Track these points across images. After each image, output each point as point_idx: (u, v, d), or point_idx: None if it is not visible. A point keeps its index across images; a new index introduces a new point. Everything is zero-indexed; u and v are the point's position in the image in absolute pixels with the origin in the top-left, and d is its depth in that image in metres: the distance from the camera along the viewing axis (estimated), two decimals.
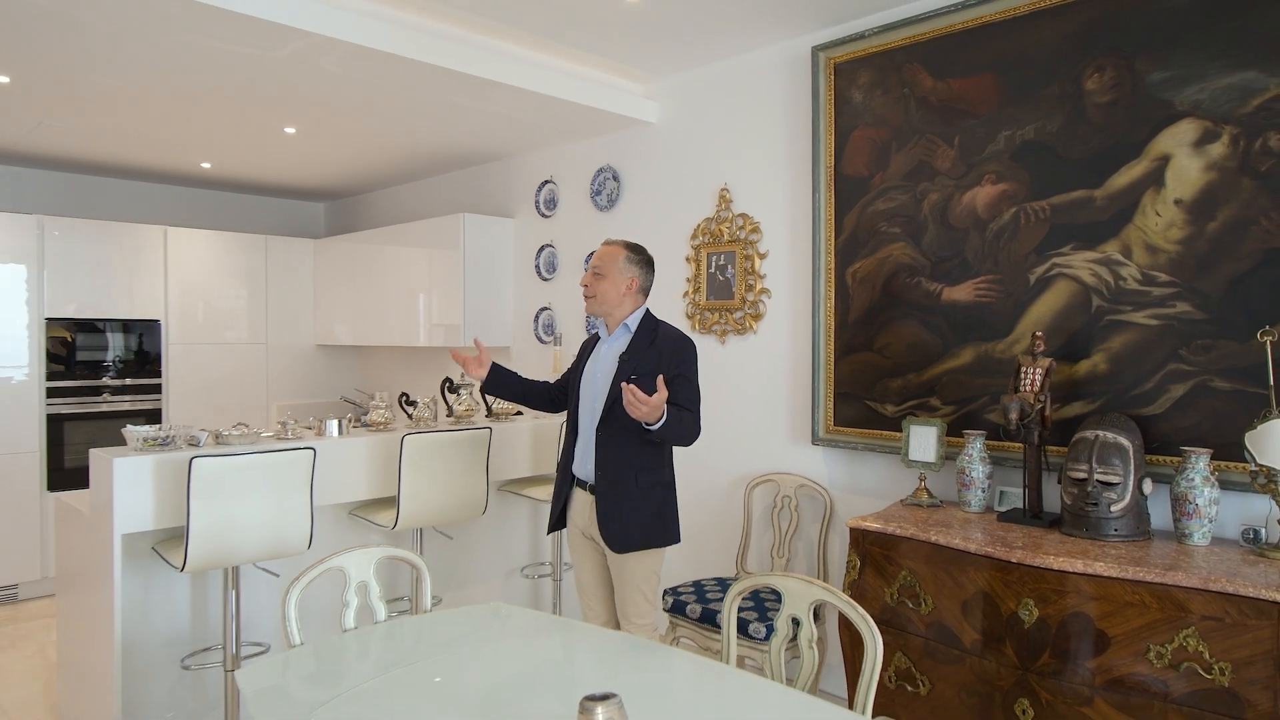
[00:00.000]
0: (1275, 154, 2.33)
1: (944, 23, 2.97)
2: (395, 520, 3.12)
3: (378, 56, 3.12)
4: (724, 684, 1.82)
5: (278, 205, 6.55)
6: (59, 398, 4.99)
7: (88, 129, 4.33)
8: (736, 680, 1.82)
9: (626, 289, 2.65)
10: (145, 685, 2.91)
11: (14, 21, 2.81)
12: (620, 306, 2.68)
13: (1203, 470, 2.32)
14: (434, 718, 1.62)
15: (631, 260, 2.71)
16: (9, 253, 4.77)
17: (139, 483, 2.67)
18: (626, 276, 2.68)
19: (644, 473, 2.62)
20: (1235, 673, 1.96)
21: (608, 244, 2.75)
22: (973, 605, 2.39)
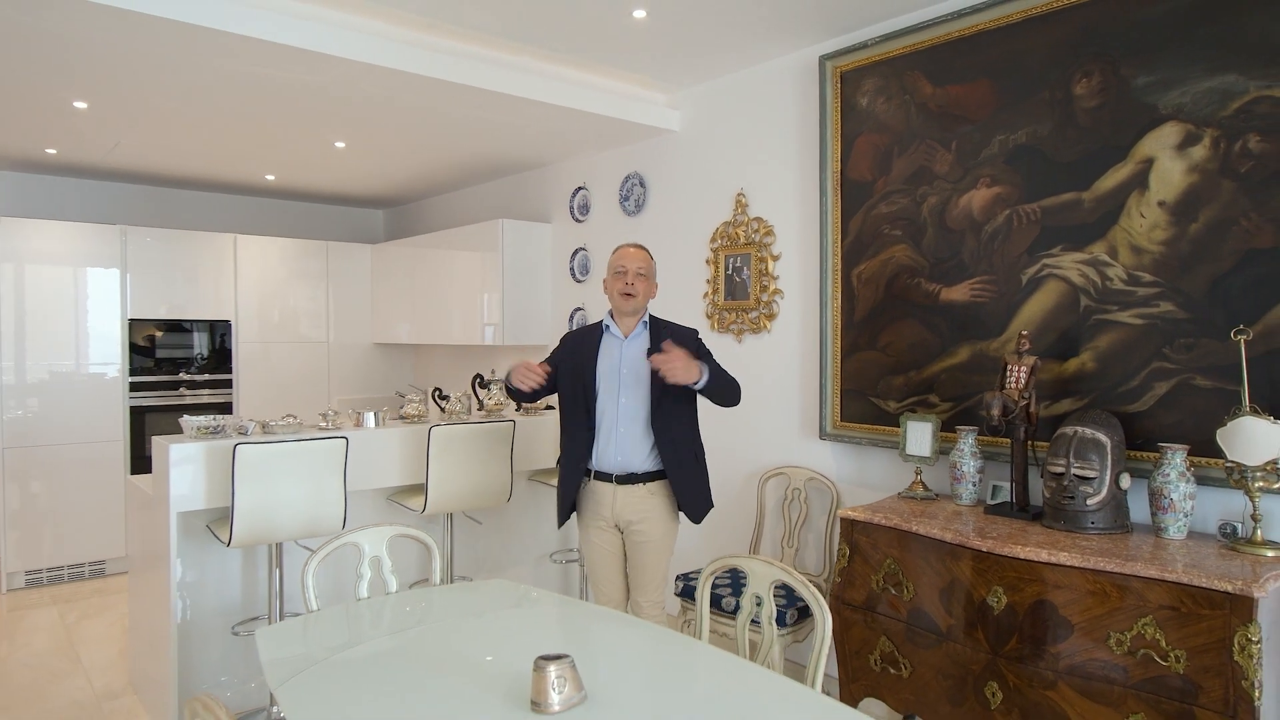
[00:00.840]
0: (1254, 156, 2.36)
1: (942, 31, 3.06)
2: (424, 505, 3.38)
3: (411, 78, 3.38)
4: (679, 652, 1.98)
5: (338, 213, 6.96)
6: (140, 391, 5.46)
7: (161, 147, 4.75)
8: (694, 650, 1.98)
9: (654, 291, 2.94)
10: (200, 649, 3.24)
11: (88, 55, 3.16)
12: (644, 306, 2.92)
13: (1179, 466, 2.37)
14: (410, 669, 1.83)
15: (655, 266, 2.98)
16: (98, 260, 5.25)
17: (192, 466, 2.98)
18: (656, 280, 3.01)
19: (698, 452, 2.97)
20: (1190, 660, 2.03)
21: (641, 249, 2.96)
22: (948, 592, 2.49)
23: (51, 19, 2.79)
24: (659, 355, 2.63)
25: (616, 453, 2.87)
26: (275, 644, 2.00)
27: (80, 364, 5.21)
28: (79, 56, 3.19)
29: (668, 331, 2.91)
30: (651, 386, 2.85)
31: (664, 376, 2.64)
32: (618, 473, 2.87)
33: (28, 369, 5.04)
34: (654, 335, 2.89)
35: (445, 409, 3.80)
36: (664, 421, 2.85)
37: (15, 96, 3.72)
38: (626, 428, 2.87)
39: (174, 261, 5.56)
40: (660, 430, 2.85)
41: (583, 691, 1.67)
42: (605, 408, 2.90)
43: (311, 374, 6.23)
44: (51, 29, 2.89)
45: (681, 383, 2.65)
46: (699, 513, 2.91)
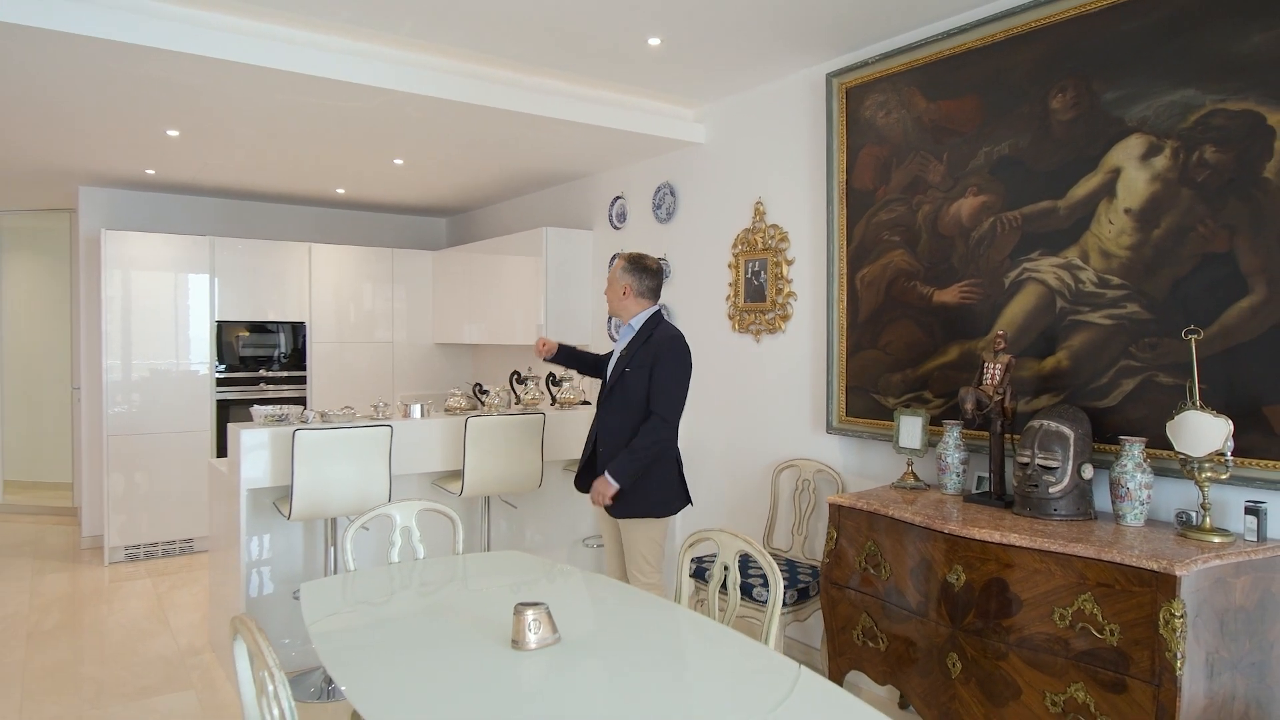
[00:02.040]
0: (1210, 165, 2.51)
1: (935, 49, 3.26)
2: (461, 488, 3.75)
3: (454, 105, 3.76)
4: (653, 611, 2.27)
5: (404, 221, 7.47)
6: (226, 386, 6.04)
7: (243, 166, 5.28)
8: (666, 610, 2.27)
9: (624, 293, 3.17)
10: (267, 612, 3.69)
11: (174, 93, 3.64)
12: (626, 310, 3.20)
13: (1136, 458, 2.53)
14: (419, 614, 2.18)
15: (626, 269, 3.22)
16: (190, 267, 5.84)
17: (259, 449, 3.42)
18: (622, 283, 3.22)
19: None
20: (1122, 633, 2.20)
21: (619, 257, 3.27)
22: (918, 571, 2.71)
23: (149, 66, 3.26)
24: (592, 494, 3.10)
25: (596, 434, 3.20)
26: (316, 595, 2.37)
27: (176, 362, 5.81)
28: (172, 94, 3.67)
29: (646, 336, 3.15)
30: (606, 381, 3.16)
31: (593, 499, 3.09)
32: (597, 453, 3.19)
33: (132, 366, 5.66)
34: (638, 338, 3.17)
35: (485, 403, 4.17)
36: (606, 412, 3.16)
37: (120, 127, 4.27)
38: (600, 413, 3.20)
39: (256, 268, 6.13)
40: (603, 420, 3.16)
41: (557, 634, 1.98)
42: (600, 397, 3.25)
43: (378, 371, 6.73)
44: (149, 74, 3.36)
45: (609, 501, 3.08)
46: (616, 509, 3.10)
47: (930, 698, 2.66)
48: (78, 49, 3.07)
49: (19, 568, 5.41)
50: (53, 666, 3.78)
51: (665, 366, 3.10)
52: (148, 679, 3.63)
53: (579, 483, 3.31)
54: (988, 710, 2.48)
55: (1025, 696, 2.39)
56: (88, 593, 4.91)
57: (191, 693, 3.49)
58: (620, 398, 3.09)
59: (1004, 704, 2.44)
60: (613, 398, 3.12)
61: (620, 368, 3.16)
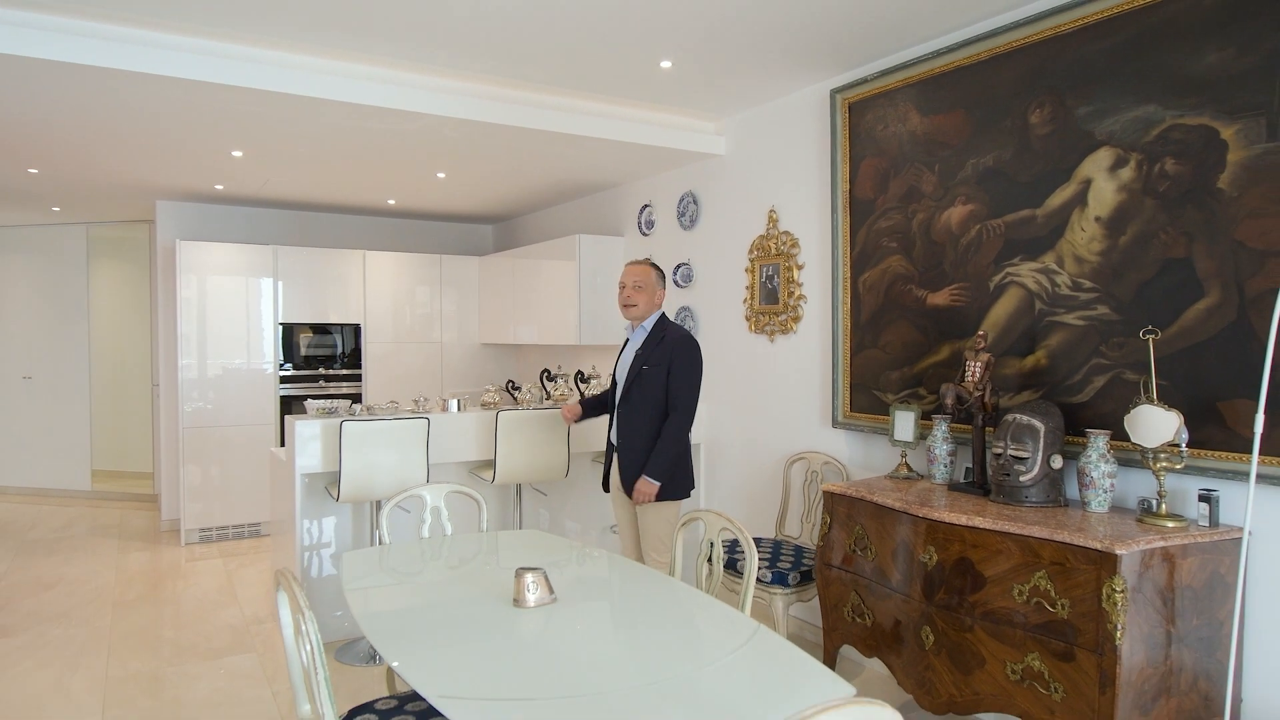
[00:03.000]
0: (1170, 176, 2.68)
1: (927, 67, 3.47)
2: (494, 476, 4.09)
3: (479, 125, 4.10)
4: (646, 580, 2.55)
5: (452, 228, 7.89)
6: (289, 384, 6.53)
7: (301, 181, 5.74)
8: (658, 580, 2.55)
9: (657, 300, 3.48)
10: (320, 586, 4.09)
11: (238, 120, 4.07)
12: (649, 312, 3.49)
13: (1100, 449, 2.72)
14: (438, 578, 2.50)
15: (659, 277, 3.53)
16: (256, 273, 6.34)
17: (312, 438, 3.82)
18: (659, 290, 3.52)
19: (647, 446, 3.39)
20: (1072, 607, 2.41)
21: (639, 264, 3.55)
22: (897, 552, 2.94)
23: (217, 97, 3.68)
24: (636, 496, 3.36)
25: (615, 431, 3.48)
26: (354, 562, 2.73)
27: (245, 361, 6.32)
28: (236, 121, 4.10)
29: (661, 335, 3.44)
30: (626, 379, 3.44)
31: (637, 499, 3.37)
32: (617, 448, 3.48)
33: (206, 365, 6.18)
34: (650, 337, 3.46)
35: (517, 398, 4.51)
36: (627, 408, 3.43)
37: (191, 149, 4.74)
38: (620, 407, 3.49)
39: (316, 274, 6.60)
40: (623, 414, 3.43)
41: (553, 595, 2.28)
42: (618, 395, 3.52)
43: (428, 370, 7.16)
44: (217, 104, 3.79)
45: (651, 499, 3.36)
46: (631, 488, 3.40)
47: (908, 669, 2.89)
48: (155, 85, 3.50)
49: (107, 547, 5.97)
50: (135, 630, 4.25)
51: (682, 365, 3.39)
52: (216, 642, 4.07)
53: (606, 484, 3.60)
54: (956, 679, 2.70)
55: (989, 666, 2.61)
56: (166, 569, 5.42)
57: (254, 654, 3.91)
58: (639, 394, 3.39)
59: (971, 673, 2.66)
60: (631, 395, 3.41)
61: (638, 365, 3.44)
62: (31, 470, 7.96)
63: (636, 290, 3.49)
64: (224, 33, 3.38)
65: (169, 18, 3.23)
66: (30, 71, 3.33)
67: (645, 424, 3.41)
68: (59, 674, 3.71)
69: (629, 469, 3.39)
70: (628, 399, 3.43)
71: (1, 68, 3.28)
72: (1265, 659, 2.51)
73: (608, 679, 1.85)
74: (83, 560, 5.61)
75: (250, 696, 3.49)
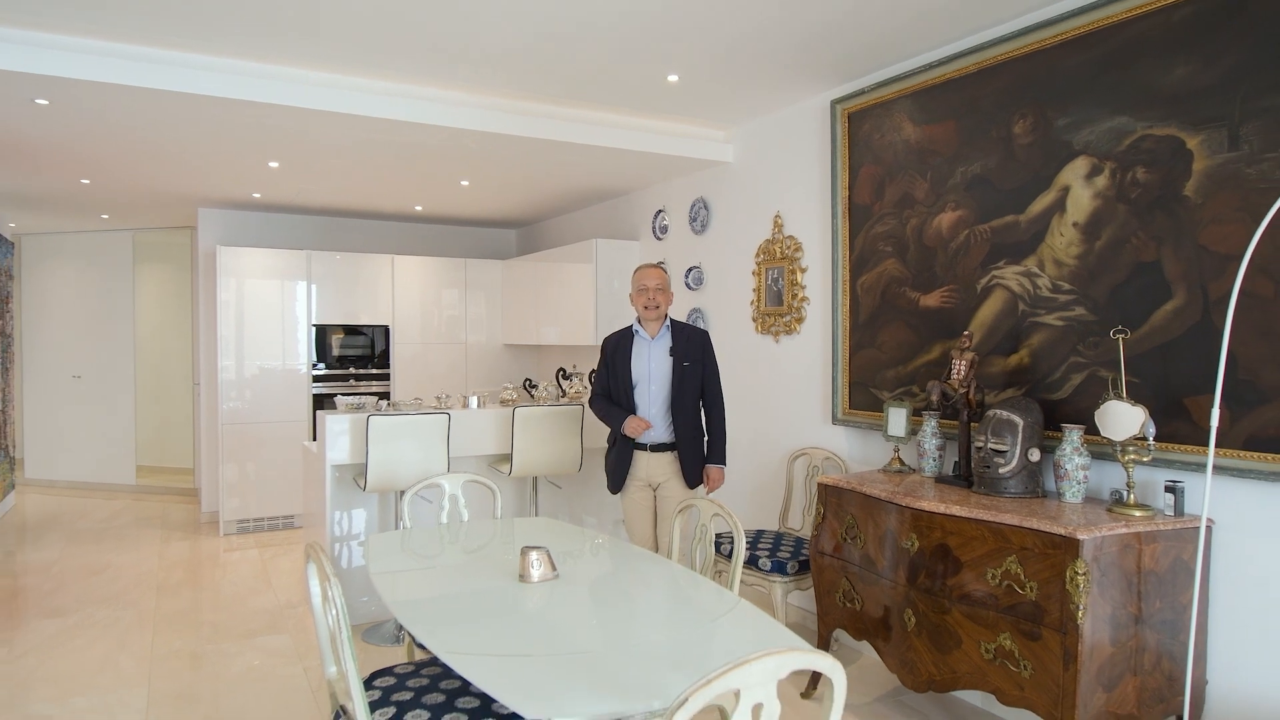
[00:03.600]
0: (1141, 184, 2.83)
1: (920, 79, 3.64)
2: (510, 469, 4.32)
3: (500, 137, 4.34)
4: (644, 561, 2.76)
5: (477, 233, 8.16)
6: (321, 382, 6.83)
7: (333, 189, 6.03)
8: (656, 561, 2.75)
9: (671, 298, 3.73)
10: (350, 576, 4.35)
11: (273, 134, 4.35)
12: (666, 314, 3.72)
13: (1075, 442, 2.87)
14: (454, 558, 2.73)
15: (669, 278, 3.77)
16: (291, 277, 6.66)
17: (341, 432, 4.08)
18: (673, 291, 3.76)
19: (698, 430, 3.74)
20: (1039, 589, 2.57)
21: (656, 268, 3.76)
22: (883, 539, 3.11)
23: (254, 114, 3.96)
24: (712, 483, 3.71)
25: (662, 429, 3.68)
26: (377, 543, 2.96)
27: (280, 361, 6.63)
28: (271, 135, 4.39)
29: (685, 333, 3.68)
30: (671, 380, 3.64)
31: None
32: (650, 443, 3.68)
33: (244, 366, 6.50)
34: (675, 335, 3.68)
35: (534, 396, 4.74)
36: (678, 405, 3.63)
37: (230, 160, 5.04)
38: (656, 409, 3.67)
39: (347, 277, 6.90)
40: (676, 412, 3.63)
41: (556, 571, 2.50)
42: (642, 394, 3.71)
43: (453, 369, 7.43)
44: (254, 120, 4.07)
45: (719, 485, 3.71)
46: (698, 479, 3.67)
47: (893, 650, 3.06)
48: (198, 104, 3.79)
49: (150, 537, 6.31)
50: (177, 612, 4.54)
51: (713, 359, 3.75)
52: (252, 624, 4.34)
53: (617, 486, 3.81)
54: (936, 658, 2.87)
55: (965, 645, 2.77)
56: (205, 558, 5.73)
57: (287, 635, 4.17)
58: (688, 390, 3.65)
59: (949, 652, 2.83)
60: (683, 392, 3.63)
61: (678, 361, 3.66)
62: (80, 465, 8.37)
63: (659, 292, 3.71)
64: (261, 55, 3.65)
65: (211, 41, 3.50)
66: (85, 93, 3.62)
67: (694, 417, 3.70)
68: (108, 650, 4.00)
69: (690, 462, 3.64)
70: (682, 399, 3.64)
71: (59, 90, 3.59)
72: (1228, 642, 2.64)
73: (596, 640, 2.06)
74: (128, 549, 5.95)
75: (283, 673, 3.74)
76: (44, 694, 3.50)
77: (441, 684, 2.30)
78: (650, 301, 3.68)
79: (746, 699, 1.43)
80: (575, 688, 1.75)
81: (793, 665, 1.46)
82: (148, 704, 3.40)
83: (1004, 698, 2.67)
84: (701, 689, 1.36)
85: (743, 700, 1.43)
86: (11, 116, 4.02)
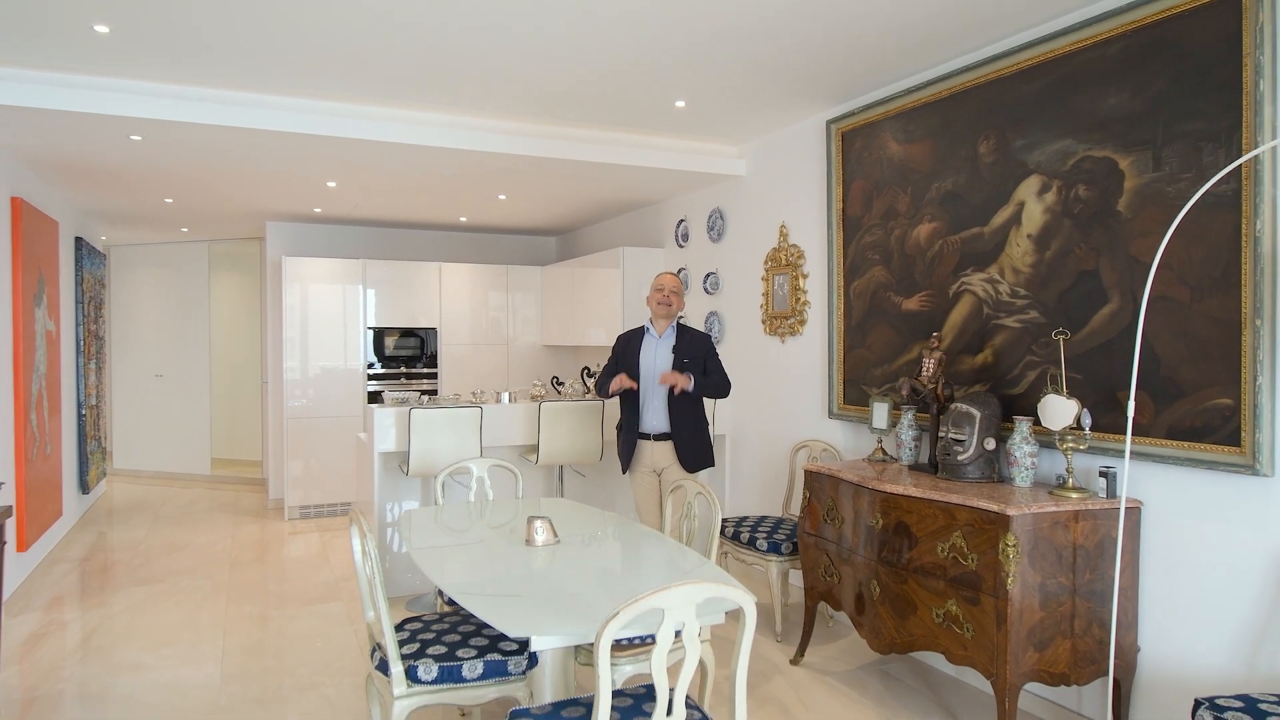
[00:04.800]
0: (1082, 200, 3.15)
1: (901, 102, 3.99)
2: (537, 458, 4.80)
3: (527, 159, 4.83)
4: (639, 535, 3.19)
5: (518, 240, 8.70)
6: (375, 380, 7.43)
7: (386, 204, 6.62)
8: (649, 535, 3.18)
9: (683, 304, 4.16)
10: (396, 560, 4.87)
11: (330, 161, 4.92)
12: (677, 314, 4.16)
13: (1024, 433, 3.20)
14: (474, 528, 3.20)
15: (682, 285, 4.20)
16: (348, 282, 7.27)
17: (387, 423, 4.61)
18: (685, 300, 4.20)
19: (698, 424, 4.12)
20: (979, 560, 2.92)
21: (674, 275, 4.20)
22: (855, 519, 3.48)
23: (313, 145, 4.52)
24: (665, 377, 3.98)
25: (653, 418, 4.11)
26: (413, 517, 3.46)
27: (340, 362, 7.25)
28: (328, 161, 4.96)
29: (688, 335, 4.11)
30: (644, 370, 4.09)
31: (672, 388, 3.99)
32: (653, 432, 4.11)
33: (307, 366, 7.14)
34: (679, 336, 4.10)
35: (560, 392, 5.20)
36: (676, 402, 4.05)
37: (294, 180, 5.64)
38: (660, 401, 4.10)
39: (399, 283, 7.49)
40: (674, 404, 4.05)
41: (557, 538, 2.95)
42: (647, 387, 4.15)
43: (497, 369, 7.97)
44: (313, 149, 4.63)
45: (684, 387, 3.95)
46: (694, 465, 4.05)
47: (862, 617, 3.43)
48: (265, 137, 4.36)
49: (223, 521, 6.99)
50: (247, 583, 5.14)
51: (715, 356, 4.17)
52: (311, 595, 4.91)
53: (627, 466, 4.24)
54: (896, 624, 3.23)
55: (920, 612, 3.13)
56: (272, 539, 6.36)
57: (341, 603, 4.72)
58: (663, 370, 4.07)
59: (907, 618, 3.19)
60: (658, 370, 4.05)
61: (679, 358, 4.09)
62: (162, 457, 9.17)
63: (674, 295, 4.15)
64: (318, 93, 4.19)
65: (277, 84, 4.05)
66: (173, 130, 4.22)
67: (692, 408, 4.10)
68: (189, 613, 4.60)
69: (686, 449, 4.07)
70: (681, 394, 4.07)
71: (151, 129, 4.19)
72: (1158, 613, 2.95)
73: (578, 587, 2.50)
74: (204, 530, 6.62)
75: (337, 633, 4.28)
76: (137, 645, 4.10)
77: (460, 628, 2.77)
78: (664, 300, 4.11)
79: (670, 618, 1.85)
80: (551, 617, 2.20)
81: (707, 594, 1.88)
82: (223, 654, 3.97)
83: (952, 657, 3.03)
84: (630, 605, 1.79)
85: (666, 619, 1.85)
86: (111, 150, 4.67)
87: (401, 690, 2.49)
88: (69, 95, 3.78)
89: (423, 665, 2.52)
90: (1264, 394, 2.58)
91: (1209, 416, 2.74)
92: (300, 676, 3.70)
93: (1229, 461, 2.68)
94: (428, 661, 2.53)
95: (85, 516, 7.16)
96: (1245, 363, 2.62)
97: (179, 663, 3.87)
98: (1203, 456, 2.76)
